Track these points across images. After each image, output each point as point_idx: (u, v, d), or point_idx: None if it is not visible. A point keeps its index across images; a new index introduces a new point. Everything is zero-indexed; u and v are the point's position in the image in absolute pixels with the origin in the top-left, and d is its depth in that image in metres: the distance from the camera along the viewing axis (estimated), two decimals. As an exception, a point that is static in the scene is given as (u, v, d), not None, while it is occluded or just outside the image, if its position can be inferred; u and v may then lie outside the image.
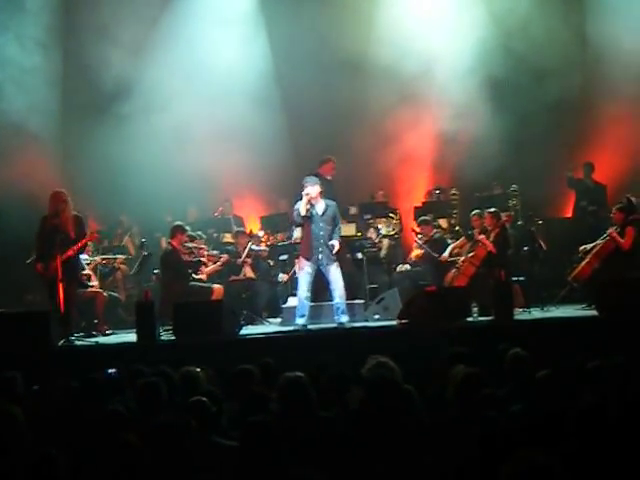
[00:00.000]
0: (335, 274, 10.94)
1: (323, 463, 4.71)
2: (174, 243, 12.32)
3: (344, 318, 10.93)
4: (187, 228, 12.69)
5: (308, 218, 10.86)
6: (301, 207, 10.85)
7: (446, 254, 12.80)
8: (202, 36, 15.15)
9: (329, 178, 12.28)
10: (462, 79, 14.61)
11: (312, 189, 10.86)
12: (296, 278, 11.38)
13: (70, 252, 10.89)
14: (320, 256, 10.88)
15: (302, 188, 10.95)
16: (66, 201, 11.06)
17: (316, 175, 11.46)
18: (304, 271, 11.00)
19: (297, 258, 11.84)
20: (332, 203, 11.07)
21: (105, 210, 14.79)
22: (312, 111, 15.04)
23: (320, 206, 10.91)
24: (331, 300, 11.18)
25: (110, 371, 7.03)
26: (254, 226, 14.24)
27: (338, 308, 10.95)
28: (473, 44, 14.62)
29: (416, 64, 14.59)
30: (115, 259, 13.41)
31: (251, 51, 15.33)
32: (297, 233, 12.34)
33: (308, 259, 10.95)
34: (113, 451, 4.24)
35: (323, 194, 11.04)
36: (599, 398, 4.66)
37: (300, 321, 10.98)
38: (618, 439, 3.75)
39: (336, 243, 10.96)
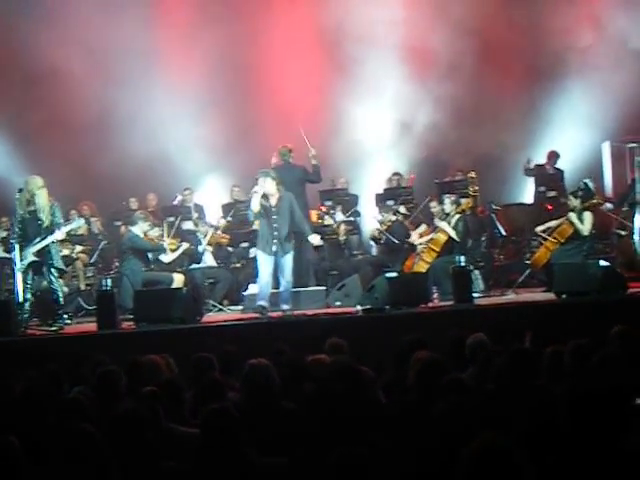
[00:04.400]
0: (286, 264, 10.90)
1: (283, 450, 4.71)
2: (135, 231, 12.23)
3: (285, 306, 10.93)
4: (149, 217, 12.61)
5: (261, 214, 10.82)
6: (252, 204, 10.82)
7: (414, 237, 12.82)
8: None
9: (290, 162, 12.29)
10: (422, 64, 14.69)
11: (263, 184, 10.79)
12: (256, 267, 11.30)
13: (45, 241, 10.73)
14: (274, 248, 10.82)
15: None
16: (42, 187, 10.90)
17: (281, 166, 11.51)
18: (261, 262, 10.96)
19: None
20: (287, 194, 10.97)
21: (64, 198, 14.62)
22: (276, 95, 14.96)
23: (274, 199, 10.85)
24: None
25: None
26: (214, 214, 14.16)
27: (283, 295, 10.97)
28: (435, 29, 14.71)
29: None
30: (74, 248, 13.24)
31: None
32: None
33: (263, 251, 10.92)
34: (71, 441, 4.20)
35: (279, 186, 10.91)
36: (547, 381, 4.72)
37: (261, 302, 10.83)
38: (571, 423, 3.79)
39: (313, 238, 11.02)
